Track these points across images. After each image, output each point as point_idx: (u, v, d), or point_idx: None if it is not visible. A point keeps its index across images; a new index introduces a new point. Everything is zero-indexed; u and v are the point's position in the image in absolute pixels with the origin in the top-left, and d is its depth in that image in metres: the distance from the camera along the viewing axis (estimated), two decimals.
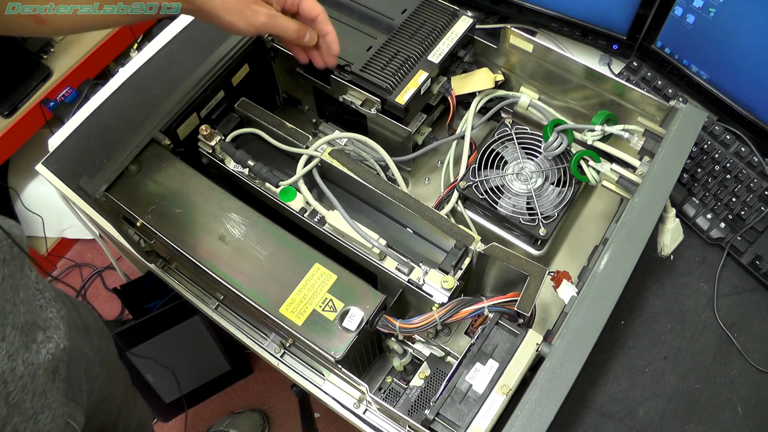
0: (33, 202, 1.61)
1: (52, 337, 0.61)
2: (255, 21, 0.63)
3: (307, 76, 0.84)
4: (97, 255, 1.75)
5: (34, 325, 0.59)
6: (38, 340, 0.58)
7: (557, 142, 0.78)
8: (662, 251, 0.78)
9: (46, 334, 0.60)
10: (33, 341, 0.58)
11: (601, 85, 0.80)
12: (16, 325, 0.54)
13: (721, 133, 0.89)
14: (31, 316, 0.58)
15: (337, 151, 0.75)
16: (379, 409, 0.68)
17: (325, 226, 0.71)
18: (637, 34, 0.95)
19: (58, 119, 1.46)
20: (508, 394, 0.60)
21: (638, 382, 0.78)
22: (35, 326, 0.59)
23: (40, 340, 0.59)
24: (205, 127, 0.76)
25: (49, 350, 0.59)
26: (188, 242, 0.69)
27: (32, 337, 0.58)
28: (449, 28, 0.82)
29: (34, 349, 0.57)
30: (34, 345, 0.57)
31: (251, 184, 0.75)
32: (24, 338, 0.56)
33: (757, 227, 0.85)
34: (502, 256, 0.67)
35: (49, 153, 0.85)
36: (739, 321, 0.82)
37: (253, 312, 0.67)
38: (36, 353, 0.57)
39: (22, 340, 0.55)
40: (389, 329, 0.65)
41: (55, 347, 0.60)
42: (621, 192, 0.75)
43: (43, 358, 0.58)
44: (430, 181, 0.90)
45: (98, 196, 0.70)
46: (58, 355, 0.60)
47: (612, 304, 0.61)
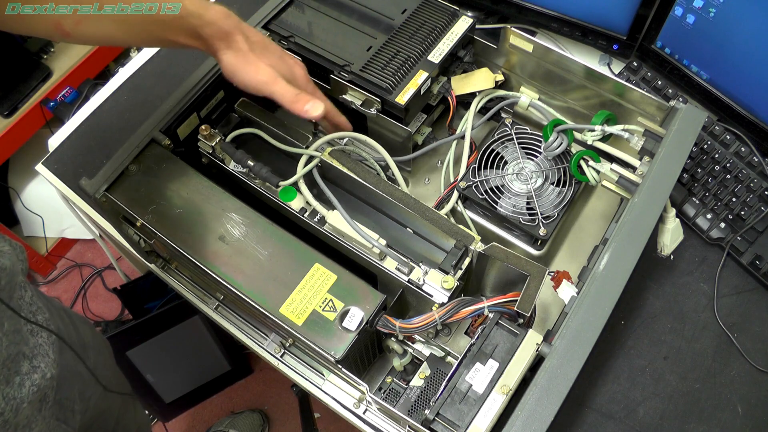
0: (33, 202, 1.61)
1: (39, 367, 0.59)
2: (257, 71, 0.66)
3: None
4: (97, 255, 1.75)
5: (19, 356, 0.57)
6: (22, 372, 0.57)
7: (557, 142, 0.78)
8: (662, 251, 0.78)
9: (32, 364, 0.59)
10: (16, 373, 0.56)
11: (601, 85, 0.80)
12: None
13: (721, 133, 0.89)
14: (15, 348, 0.57)
15: (337, 151, 0.75)
16: (379, 409, 0.68)
17: (325, 226, 0.71)
18: (637, 34, 0.95)
19: (58, 119, 1.46)
20: (508, 394, 0.60)
21: (638, 382, 0.78)
22: (20, 357, 0.58)
23: (25, 372, 0.58)
24: (205, 127, 0.76)
25: (34, 382, 0.58)
26: (188, 242, 0.69)
27: (15, 369, 0.56)
28: (449, 28, 0.82)
29: (17, 383, 0.56)
30: (17, 378, 0.56)
31: (251, 184, 0.75)
32: (5, 372, 0.55)
33: (757, 227, 0.85)
34: (502, 256, 0.67)
35: (49, 153, 0.85)
36: (739, 321, 0.81)
37: (253, 312, 0.67)
38: (19, 387, 0.56)
39: (3, 375, 0.54)
40: (389, 329, 0.65)
41: (41, 378, 0.59)
42: (621, 192, 0.75)
43: (27, 391, 0.56)
44: (430, 181, 0.90)
45: (98, 196, 0.70)
46: (44, 386, 0.59)
47: (612, 304, 0.61)
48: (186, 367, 1.37)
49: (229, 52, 0.65)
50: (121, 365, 1.19)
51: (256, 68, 0.65)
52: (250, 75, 0.66)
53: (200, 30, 0.64)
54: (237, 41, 0.65)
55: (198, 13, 0.63)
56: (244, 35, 0.66)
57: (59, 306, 0.76)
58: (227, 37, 0.65)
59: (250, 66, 0.65)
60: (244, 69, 0.65)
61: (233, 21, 0.65)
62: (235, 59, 0.65)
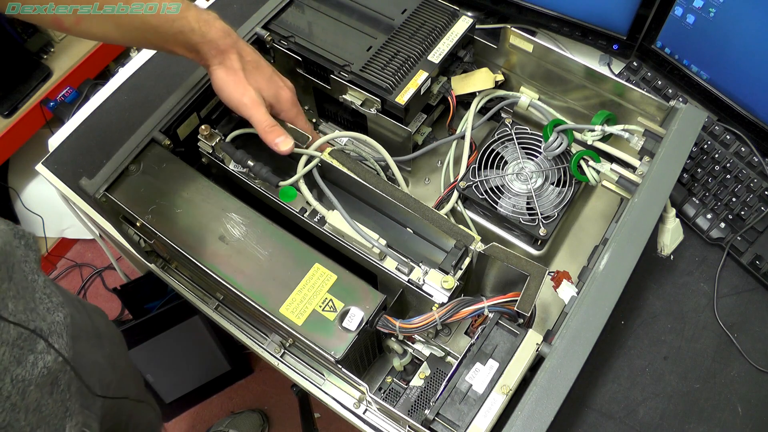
0: (33, 202, 1.61)
1: (52, 347, 0.59)
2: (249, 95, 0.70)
3: (307, 76, 0.84)
4: (97, 255, 1.75)
5: (33, 335, 0.57)
6: (37, 350, 0.57)
7: (557, 142, 0.78)
8: (662, 251, 0.78)
9: (49, 342, 0.58)
10: (30, 351, 0.56)
11: (601, 85, 0.80)
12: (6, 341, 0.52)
13: (721, 133, 0.89)
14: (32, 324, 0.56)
15: (337, 151, 0.75)
16: (379, 409, 0.68)
17: (325, 226, 0.71)
18: (637, 34, 0.95)
19: (58, 119, 1.46)
20: (508, 394, 0.60)
21: (638, 382, 0.78)
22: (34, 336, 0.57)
23: (40, 350, 0.57)
24: (205, 127, 0.76)
25: (47, 363, 0.57)
26: (188, 242, 0.69)
27: (29, 347, 0.56)
28: (449, 28, 0.82)
29: (30, 362, 0.55)
30: (32, 356, 0.56)
31: (251, 184, 0.75)
32: (17, 352, 0.54)
33: (757, 227, 0.85)
34: (502, 256, 0.67)
35: (49, 153, 0.85)
36: (739, 321, 0.82)
37: (253, 312, 0.67)
38: (32, 366, 0.55)
39: (14, 355, 0.54)
40: (389, 329, 0.65)
41: (53, 360, 0.58)
42: (621, 192, 0.75)
43: (38, 372, 0.56)
44: (430, 181, 0.90)
45: (98, 196, 0.70)
46: (55, 368, 0.59)
47: (612, 304, 0.61)
48: (186, 367, 1.37)
49: (221, 68, 0.69)
50: None
51: (243, 90, 0.69)
52: (236, 95, 0.69)
53: (199, 46, 0.67)
54: (231, 59, 0.68)
55: (201, 31, 0.66)
56: (239, 54, 0.69)
57: (73, 296, 0.76)
58: (222, 54, 0.68)
59: (238, 86, 0.69)
60: (232, 87, 0.69)
61: (231, 39, 0.68)
62: (225, 76, 0.69)
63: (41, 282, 0.61)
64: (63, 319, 0.62)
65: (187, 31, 0.65)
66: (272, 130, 0.70)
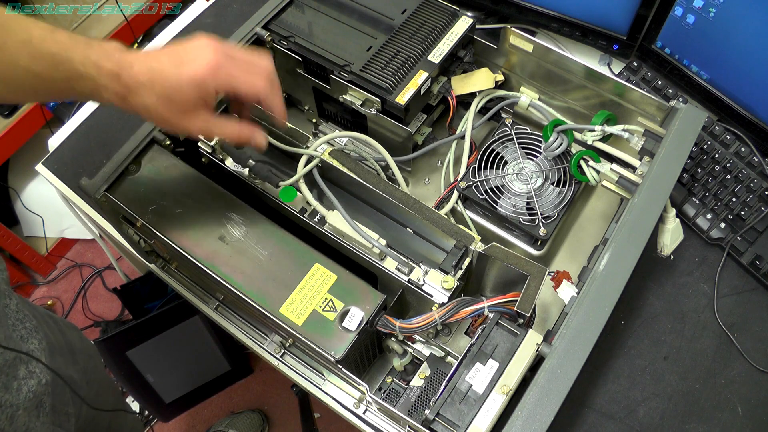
0: (33, 202, 1.61)
1: (34, 372, 0.59)
2: (189, 131, 0.58)
3: (307, 76, 0.84)
4: (97, 255, 1.75)
5: (16, 360, 0.57)
6: (20, 377, 0.57)
7: (557, 142, 0.78)
8: (662, 251, 0.78)
9: (29, 368, 0.58)
10: (14, 378, 0.56)
11: (601, 85, 0.80)
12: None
13: (721, 133, 0.89)
14: (9, 354, 0.56)
15: (337, 151, 0.75)
16: (379, 409, 0.68)
17: (325, 226, 0.71)
18: (637, 34, 0.95)
19: (58, 119, 1.46)
20: (508, 394, 0.60)
21: (638, 382, 0.78)
22: (17, 361, 0.57)
23: (22, 376, 0.57)
24: None
25: (31, 387, 0.57)
26: (188, 242, 0.69)
27: (13, 374, 0.56)
28: (449, 28, 0.82)
29: (14, 388, 0.55)
30: (15, 383, 0.55)
31: (251, 184, 0.75)
32: (3, 378, 0.54)
33: (757, 227, 0.85)
34: (502, 256, 0.67)
35: (49, 153, 0.85)
36: (739, 321, 0.81)
37: (253, 312, 0.67)
38: (17, 392, 0.55)
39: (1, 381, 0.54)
40: (389, 329, 0.65)
41: (36, 383, 0.58)
42: (621, 192, 0.75)
43: (24, 397, 0.56)
44: (430, 181, 0.90)
45: (98, 196, 0.70)
46: (40, 392, 0.59)
47: (612, 304, 0.61)
48: (186, 367, 1.37)
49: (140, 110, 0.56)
50: (121, 365, 1.20)
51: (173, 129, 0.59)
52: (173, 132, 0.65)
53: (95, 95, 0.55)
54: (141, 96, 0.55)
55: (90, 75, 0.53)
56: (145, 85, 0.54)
57: (45, 312, 0.75)
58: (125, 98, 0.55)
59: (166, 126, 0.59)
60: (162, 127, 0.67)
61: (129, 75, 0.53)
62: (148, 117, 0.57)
63: (13, 306, 0.61)
64: (38, 344, 0.62)
65: (75, 78, 0.52)
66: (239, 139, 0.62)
